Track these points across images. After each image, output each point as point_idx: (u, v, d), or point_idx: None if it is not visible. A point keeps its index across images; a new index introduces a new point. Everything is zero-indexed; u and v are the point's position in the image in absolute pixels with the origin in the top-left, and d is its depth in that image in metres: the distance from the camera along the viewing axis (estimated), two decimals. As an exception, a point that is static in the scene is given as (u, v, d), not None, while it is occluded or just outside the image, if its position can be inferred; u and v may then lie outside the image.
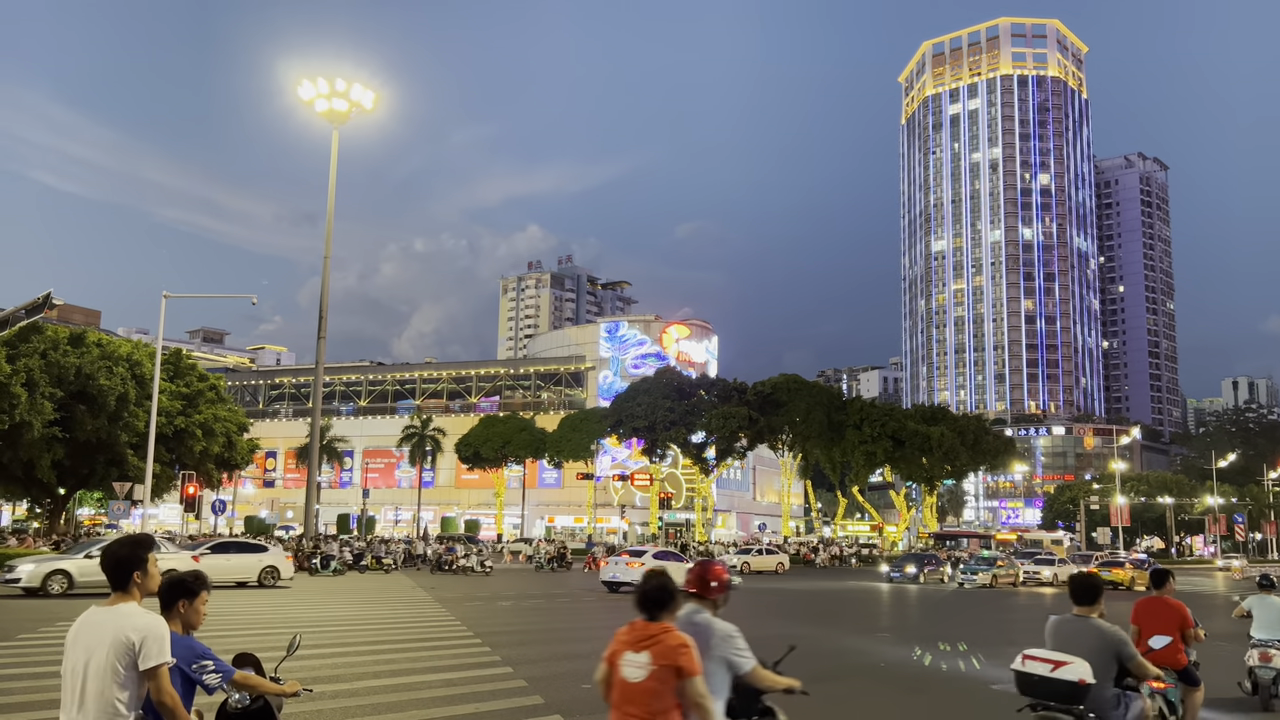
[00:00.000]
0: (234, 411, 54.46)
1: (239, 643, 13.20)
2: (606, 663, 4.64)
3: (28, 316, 28.94)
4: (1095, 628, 6.38)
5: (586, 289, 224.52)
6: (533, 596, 29.20)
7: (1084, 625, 6.46)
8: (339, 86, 43.79)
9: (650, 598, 4.62)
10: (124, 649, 4.01)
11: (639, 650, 4.47)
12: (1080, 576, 6.70)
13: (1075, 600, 6.66)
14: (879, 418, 75.04)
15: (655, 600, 4.61)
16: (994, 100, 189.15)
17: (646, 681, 4.38)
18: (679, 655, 4.40)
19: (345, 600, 25.85)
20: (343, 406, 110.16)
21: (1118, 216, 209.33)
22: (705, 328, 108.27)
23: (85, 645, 4.07)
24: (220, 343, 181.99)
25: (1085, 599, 6.59)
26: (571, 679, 12.74)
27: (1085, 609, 6.58)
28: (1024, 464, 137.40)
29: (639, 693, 4.40)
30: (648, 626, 4.55)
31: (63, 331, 44.57)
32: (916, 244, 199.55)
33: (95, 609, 4.16)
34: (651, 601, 4.61)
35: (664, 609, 4.62)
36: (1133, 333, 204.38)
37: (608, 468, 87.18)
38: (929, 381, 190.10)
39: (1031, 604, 32.93)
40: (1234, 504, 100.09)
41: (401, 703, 10.65)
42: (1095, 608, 6.57)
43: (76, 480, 47.42)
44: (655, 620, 4.57)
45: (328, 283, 44.96)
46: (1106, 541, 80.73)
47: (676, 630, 4.54)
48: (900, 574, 45.52)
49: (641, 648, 4.46)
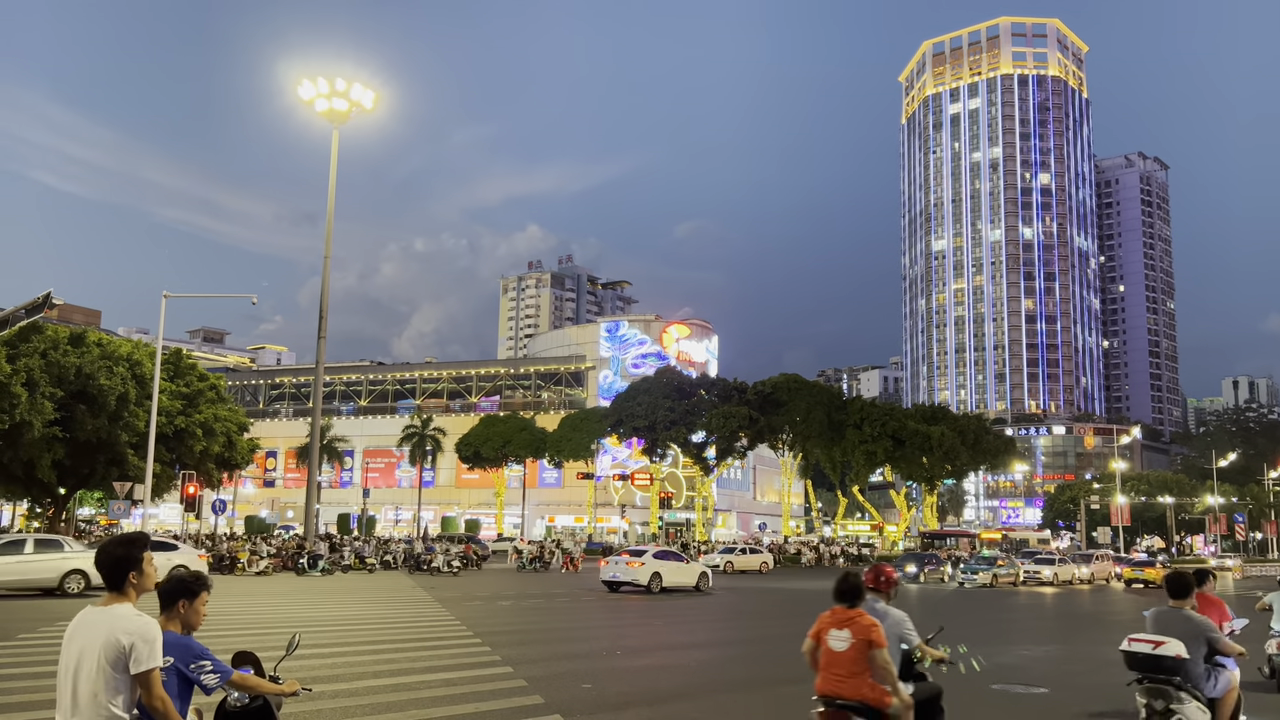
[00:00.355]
0: (234, 411, 54.40)
1: (237, 642, 13.20)
2: (813, 638, 6.28)
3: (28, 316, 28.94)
4: (1187, 617, 7.58)
5: (587, 289, 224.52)
6: (532, 596, 29.20)
7: (1178, 615, 7.64)
8: (339, 86, 43.76)
9: (847, 591, 6.19)
10: (116, 652, 3.98)
11: (841, 628, 6.07)
12: (1175, 575, 7.86)
13: (1171, 595, 7.78)
14: (879, 417, 75.02)
15: (850, 592, 6.19)
16: (994, 100, 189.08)
17: (848, 651, 6.01)
18: (871, 632, 5.98)
19: (331, 600, 25.85)
20: (343, 406, 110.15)
21: (1118, 216, 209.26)
22: (705, 327, 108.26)
23: (78, 647, 4.05)
24: (220, 342, 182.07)
25: (1179, 594, 7.74)
26: (572, 679, 12.73)
27: (1179, 602, 7.73)
28: (1024, 464, 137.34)
29: (842, 659, 6.05)
30: (846, 611, 6.12)
31: (63, 331, 44.54)
32: (917, 243, 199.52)
33: (90, 609, 4.14)
34: (847, 593, 6.18)
35: (857, 599, 6.18)
36: (1133, 332, 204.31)
37: (608, 467, 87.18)
38: (929, 381, 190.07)
39: (1032, 603, 32.91)
40: (1234, 504, 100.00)
41: (401, 702, 10.65)
42: (1187, 601, 7.74)
43: (77, 480, 47.38)
44: (851, 607, 6.14)
45: (328, 282, 44.96)
46: (1107, 541, 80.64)
47: (866, 614, 6.11)
48: (900, 573, 45.44)
49: (843, 626, 6.06)
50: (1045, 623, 25.88)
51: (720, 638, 19.48)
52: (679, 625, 21.72)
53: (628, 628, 20.96)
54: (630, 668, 14.20)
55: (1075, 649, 18.69)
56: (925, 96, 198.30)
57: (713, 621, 23.29)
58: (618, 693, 11.78)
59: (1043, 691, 12.85)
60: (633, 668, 14.22)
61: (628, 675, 13.36)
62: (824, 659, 6.17)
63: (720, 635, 20.00)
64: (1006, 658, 16.59)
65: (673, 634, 19.73)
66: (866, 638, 5.99)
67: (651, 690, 12.10)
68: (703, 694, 12.01)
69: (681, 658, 15.74)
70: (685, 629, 20.94)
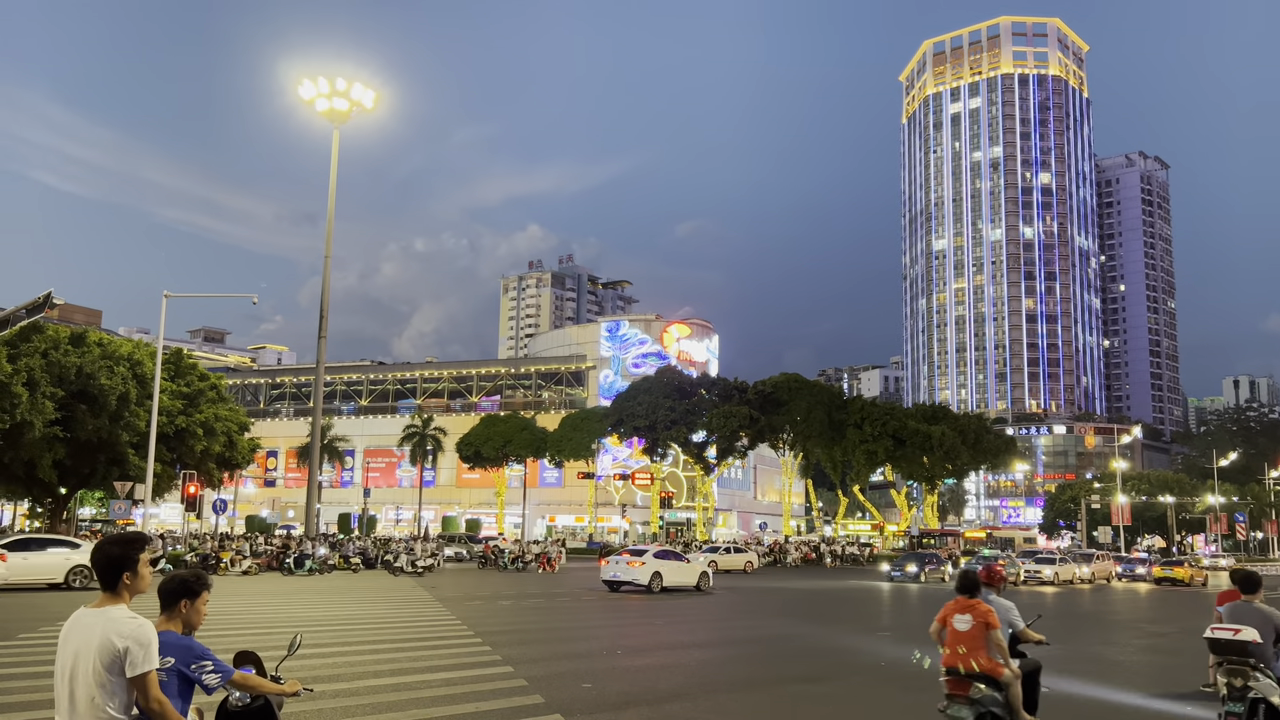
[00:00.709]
0: (235, 411, 54.39)
1: (239, 642, 13.20)
2: (940, 622, 8.12)
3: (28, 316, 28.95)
4: (1259, 609, 8.83)
5: (587, 288, 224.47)
6: (532, 596, 29.21)
7: (1250, 608, 8.89)
8: (339, 86, 43.79)
9: (967, 585, 8.10)
10: (111, 655, 3.96)
11: (963, 613, 7.91)
12: (1246, 575, 9.16)
13: (1243, 590, 9.09)
14: (880, 417, 74.98)
15: (970, 586, 8.09)
16: (995, 99, 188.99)
17: (970, 630, 7.81)
18: (988, 616, 7.79)
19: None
20: (344, 406, 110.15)
21: (1118, 215, 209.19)
22: (706, 327, 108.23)
23: (73, 649, 4.03)
24: (221, 342, 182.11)
25: (1250, 589, 9.04)
26: (572, 678, 12.73)
27: (1250, 596, 9.01)
28: (1025, 463, 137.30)
29: (965, 637, 7.85)
30: (967, 600, 7.97)
31: (64, 331, 44.54)
32: (917, 243, 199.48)
33: (84, 610, 4.12)
34: (968, 586, 8.09)
35: (975, 590, 8.09)
36: (1134, 331, 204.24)
37: (609, 467, 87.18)
38: (930, 380, 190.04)
39: (1032, 603, 32.87)
40: (1235, 503, 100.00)
41: (401, 702, 10.65)
42: (1257, 595, 9.01)
43: (78, 480, 47.40)
44: (971, 597, 8.01)
45: (328, 282, 44.97)
46: (1107, 540, 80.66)
47: (983, 602, 8.00)
48: (901, 573, 45.50)
49: (964, 612, 7.91)
50: (1045, 622, 25.85)
51: (721, 637, 19.48)
52: (679, 625, 21.73)
53: (628, 627, 20.96)
54: (631, 667, 14.20)
55: (1076, 649, 18.69)
56: (926, 96, 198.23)
57: (713, 621, 23.29)
58: (618, 692, 11.79)
59: (1043, 690, 12.84)
60: (633, 667, 14.22)
61: (628, 675, 13.36)
62: (949, 637, 7.99)
63: (721, 635, 20.00)
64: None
65: (673, 633, 19.73)
66: (985, 620, 7.77)
67: (652, 690, 12.10)
68: (703, 694, 12.01)
69: (682, 657, 15.74)
70: (686, 628, 20.94)
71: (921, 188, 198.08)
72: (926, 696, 12.31)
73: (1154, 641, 20.91)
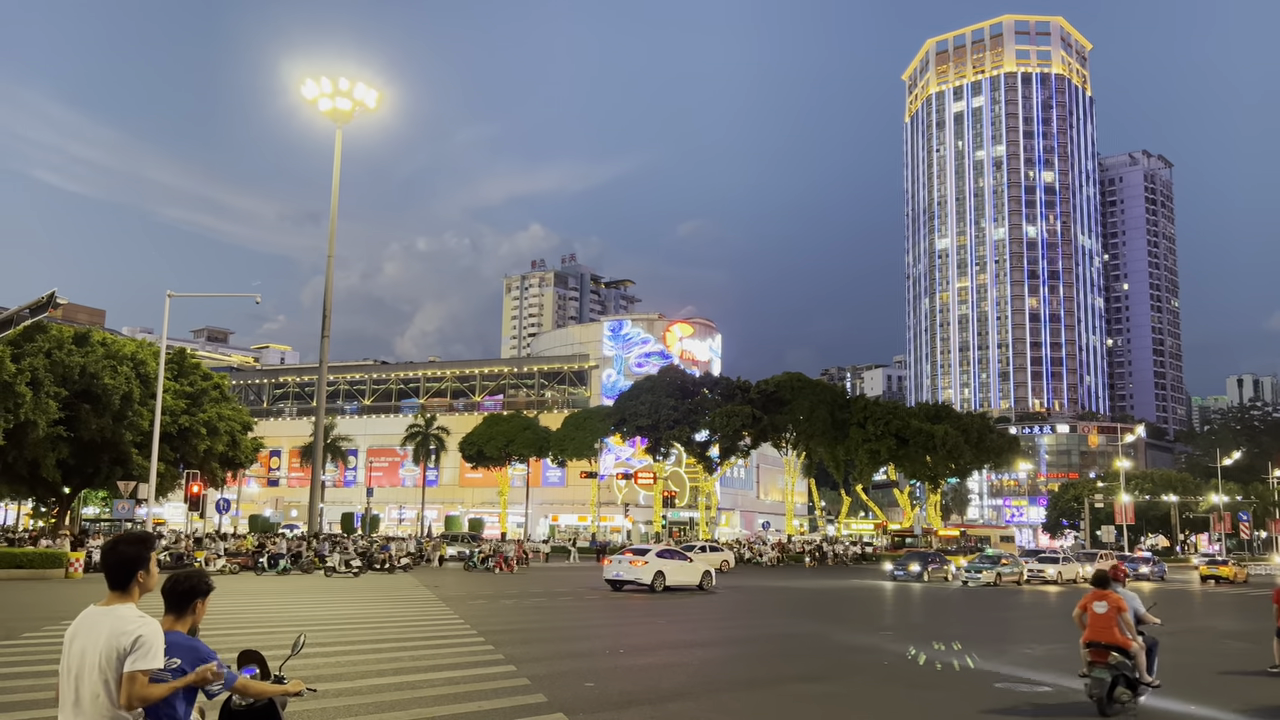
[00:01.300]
0: (238, 410, 54.47)
1: (242, 640, 13.22)
2: (1081, 608, 10.87)
3: (32, 316, 28.98)
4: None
5: (590, 287, 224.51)
6: (535, 595, 29.22)
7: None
8: (342, 85, 43.82)
9: (1102, 579, 11.02)
10: (118, 653, 3.97)
11: (1100, 601, 10.68)
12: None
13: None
14: (883, 416, 74.93)
15: (1103, 580, 11.00)
16: (998, 98, 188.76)
17: (1106, 613, 10.55)
18: (1120, 602, 10.61)
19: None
20: (347, 405, 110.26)
21: (1122, 214, 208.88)
22: (709, 326, 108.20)
23: (81, 647, 4.04)
24: (224, 342, 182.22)
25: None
26: (575, 677, 12.74)
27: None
28: (1028, 462, 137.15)
29: (1102, 619, 10.58)
30: (1102, 591, 10.83)
31: (67, 331, 44.64)
32: (920, 242, 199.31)
33: (93, 609, 4.13)
34: (1102, 580, 11.00)
35: (1108, 584, 10.93)
36: (1137, 330, 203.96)
37: (611, 466, 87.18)
38: (933, 380, 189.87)
39: (1035, 602, 32.86)
40: (1239, 502, 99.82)
41: (405, 701, 10.67)
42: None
43: (81, 479, 47.50)
44: (1105, 588, 10.85)
45: (331, 282, 45.01)
46: (1111, 540, 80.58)
47: (1114, 592, 10.81)
48: (904, 572, 45.45)
49: (1101, 600, 10.71)
50: (1048, 621, 25.84)
51: (724, 636, 19.48)
52: (682, 624, 21.73)
53: (631, 626, 20.97)
54: (633, 666, 14.21)
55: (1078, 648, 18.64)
56: (928, 95, 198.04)
57: (716, 620, 23.30)
58: (620, 691, 11.79)
59: (1046, 689, 12.85)
60: (636, 666, 14.22)
61: (631, 674, 13.37)
62: (1090, 620, 10.79)
63: (724, 634, 20.00)
64: (1010, 656, 16.58)
65: (676, 632, 19.74)
66: (1117, 606, 10.66)
67: (654, 689, 12.11)
68: (706, 693, 12.01)
69: (685, 656, 15.75)
70: (688, 627, 20.94)
71: (924, 186, 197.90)
72: (930, 695, 12.32)
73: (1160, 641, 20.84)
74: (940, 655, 15.98)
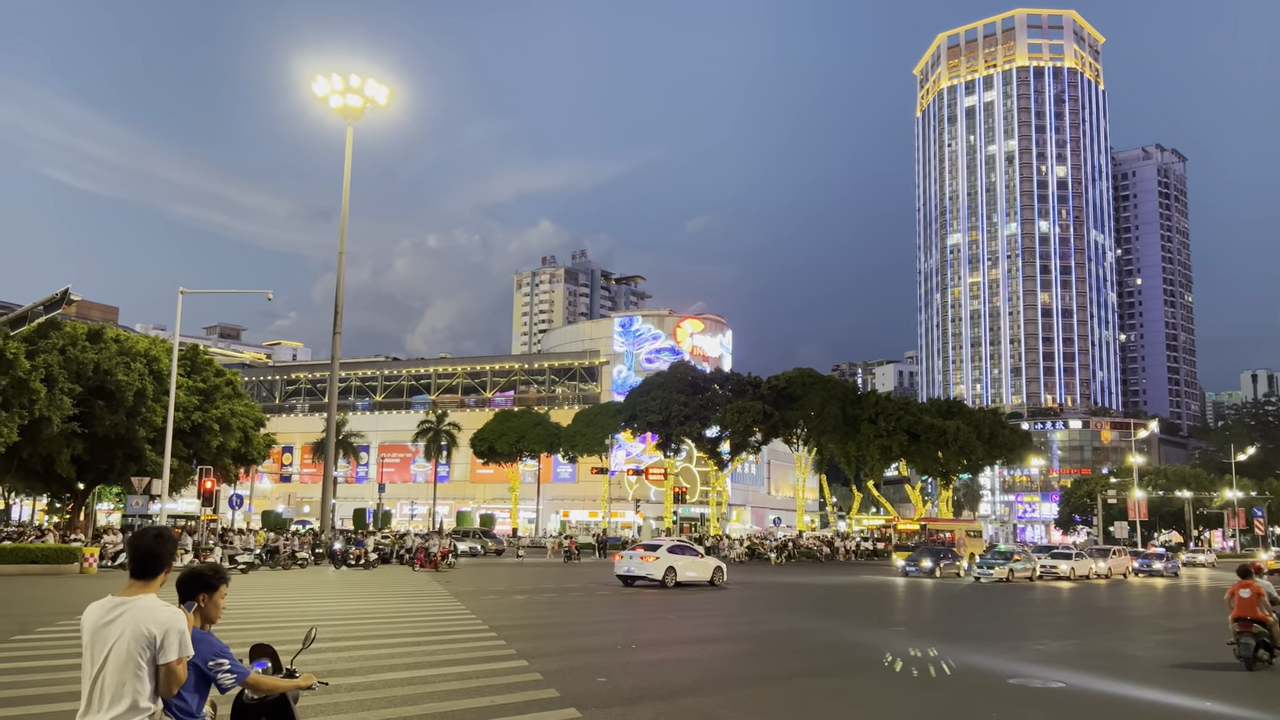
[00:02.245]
0: (250, 407, 54.69)
1: (254, 635, 13.26)
2: (1230, 594, 14.76)
3: (46, 312, 29.20)
4: None
5: (600, 284, 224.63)
6: (546, 590, 29.27)
7: None
8: (353, 82, 43.89)
9: (1244, 571, 15.02)
10: (145, 643, 4.02)
11: (1245, 589, 14.63)
12: None
13: None
14: (894, 411, 74.74)
15: (1246, 571, 14.96)
16: (1010, 92, 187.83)
17: (1249, 597, 14.55)
18: (1259, 588, 14.65)
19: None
20: (358, 401, 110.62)
21: (1135, 209, 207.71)
22: (719, 322, 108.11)
23: (104, 638, 4.07)
24: (236, 338, 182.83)
25: None
26: (586, 672, 12.74)
27: None
28: (1040, 458, 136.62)
29: (1246, 601, 14.54)
30: (1245, 580, 14.75)
31: (81, 328, 44.89)
32: (932, 237, 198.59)
33: (112, 599, 4.17)
34: (1245, 572, 14.97)
35: (1250, 575, 14.85)
36: (1150, 326, 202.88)
37: (622, 462, 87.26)
38: (945, 375, 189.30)
39: (1048, 598, 32.73)
40: (1253, 498, 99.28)
41: (416, 695, 10.69)
42: None
43: (95, 475, 47.78)
44: (1247, 578, 14.79)
45: (343, 279, 45.14)
46: (1124, 535, 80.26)
47: (1255, 581, 14.76)
48: (915, 568, 45.35)
49: (1245, 588, 14.64)
50: (1061, 618, 25.74)
51: (735, 632, 19.47)
52: (693, 619, 21.73)
53: (642, 622, 20.98)
54: (645, 662, 14.21)
55: (1092, 644, 18.59)
56: (940, 89, 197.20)
57: (727, 616, 23.28)
58: (632, 687, 11.79)
59: (1060, 685, 12.79)
60: (647, 662, 14.22)
61: (642, 669, 13.37)
62: (1237, 602, 14.49)
63: (735, 630, 19.99)
64: (1024, 652, 16.52)
65: (687, 628, 19.74)
66: (1259, 591, 14.45)
67: (666, 684, 12.10)
68: (717, 688, 12.00)
69: (696, 652, 15.74)
70: (700, 623, 20.94)
71: (936, 182, 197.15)
72: (942, 692, 12.27)
73: (1174, 637, 20.76)
74: (952, 652, 15.93)
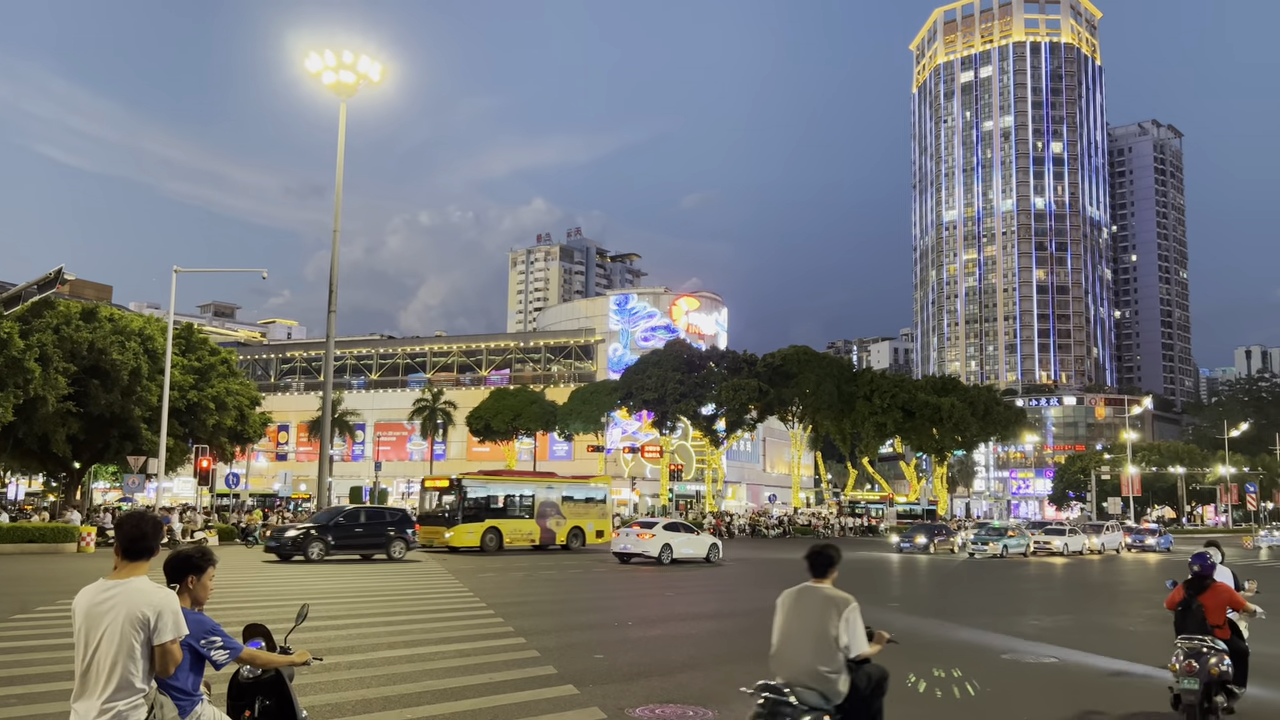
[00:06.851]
0: (246, 385, 54.55)
1: (247, 614, 13.32)
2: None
3: (39, 292, 29.04)
4: None
5: (595, 261, 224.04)
6: (544, 568, 29.39)
7: None
8: (346, 58, 43.41)
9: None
10: (140, 624, 4.04)
11: None
12: None
13: None
14: (889, 389, 74.89)
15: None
16: (1006, 68, 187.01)
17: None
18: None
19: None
20: (354, 380, 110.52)
21: (1131, 185, 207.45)
22: (715, 300, 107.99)
23: (97, 619, 4.09)
24: (231, 317, 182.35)
25: None
26: (584, 649, 12.83)
27: None
28: (1035, 434, 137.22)
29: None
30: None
31: (75, 307, 44.68)
32: (927, 213, 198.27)
33: (104, 581, 4.18)
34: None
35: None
36: (1145, 302, 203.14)
37: (618, 440, 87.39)
38: (940, 352, 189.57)
39: (1042, 574, 32.95)
40: (1246, 473, 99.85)
41: (416, 673, 10.75)
42: None
43: (91, 454, 47.71)
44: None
45: (337, 256, 44.91)
46: (1117, 511, 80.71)
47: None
48: (910, 544, 45.63)
49: None
50: (1054, 593, 25.94)
51: (731, 608, 19.59)
52: (690, 596, 21.86)
53: (639, 599, 21.10)
54: (642, 638, 14.30)
55: (1084, 619, 18.74)
56: (937, 64, 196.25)
57: (723, 592, 23.42)
58: (629, 663, 11.87)
59: (1052, 661, 12.90)
60: (644, 638, 14.31)
61: (639, 646, 13.45)
62: None
63: (731, 606, 20.11)
64: (1018, 627, 16.65)
65: (684, 605, 19.85)
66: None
67: (663, 661, 12.18)
68: (714, 664, 12.09)
69: (692, 628, 15.84)
70: (696, 600, 21.07)
71: (932, 158, 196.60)
72: (933, 666, 12.36)
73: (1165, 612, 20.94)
74: (946, 628, 16.05)
